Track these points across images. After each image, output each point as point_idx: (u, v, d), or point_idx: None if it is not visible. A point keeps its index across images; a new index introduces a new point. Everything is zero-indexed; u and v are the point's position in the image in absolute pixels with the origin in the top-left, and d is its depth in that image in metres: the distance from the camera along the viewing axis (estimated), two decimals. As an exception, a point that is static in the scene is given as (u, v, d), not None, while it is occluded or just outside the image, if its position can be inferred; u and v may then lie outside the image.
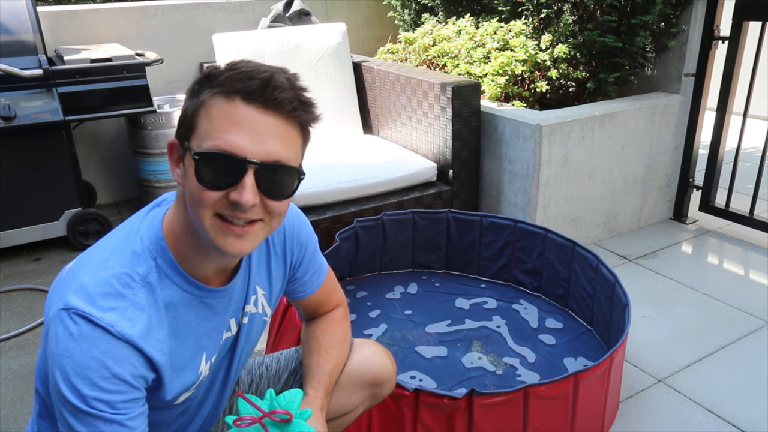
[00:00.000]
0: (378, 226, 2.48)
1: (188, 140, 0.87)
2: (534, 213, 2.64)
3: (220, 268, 0.99)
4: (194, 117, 0.86)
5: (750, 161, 3.94)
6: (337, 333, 1.24)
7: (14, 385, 2.02)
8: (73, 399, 0.82)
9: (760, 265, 2.70)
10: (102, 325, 0.82)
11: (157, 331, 0.89)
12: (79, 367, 0.81)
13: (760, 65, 2.75)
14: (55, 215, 2.86)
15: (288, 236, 1.14)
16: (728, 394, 1.91)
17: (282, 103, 0.84)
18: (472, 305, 2.35)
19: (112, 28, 3.37)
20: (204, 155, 0.83)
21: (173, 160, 0.92)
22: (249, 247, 0.89)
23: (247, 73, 0.84)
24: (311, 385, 1.13)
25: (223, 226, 0.86)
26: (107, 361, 0.83)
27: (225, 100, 0.84)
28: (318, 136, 3.51)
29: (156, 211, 0.97)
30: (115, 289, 0.86)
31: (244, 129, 0.83)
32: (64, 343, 0.82)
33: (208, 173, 0.84)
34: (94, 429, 0.84)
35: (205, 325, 0.99)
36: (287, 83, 0.86)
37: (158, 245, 0.92)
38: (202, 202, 0.85)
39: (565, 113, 2.65)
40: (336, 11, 4.04)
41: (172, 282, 0.92)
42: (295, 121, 0.88)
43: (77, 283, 0.86)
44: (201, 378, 1.01)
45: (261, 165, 0.84)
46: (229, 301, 1.03)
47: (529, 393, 1.51)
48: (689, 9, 2.82)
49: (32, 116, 2.62)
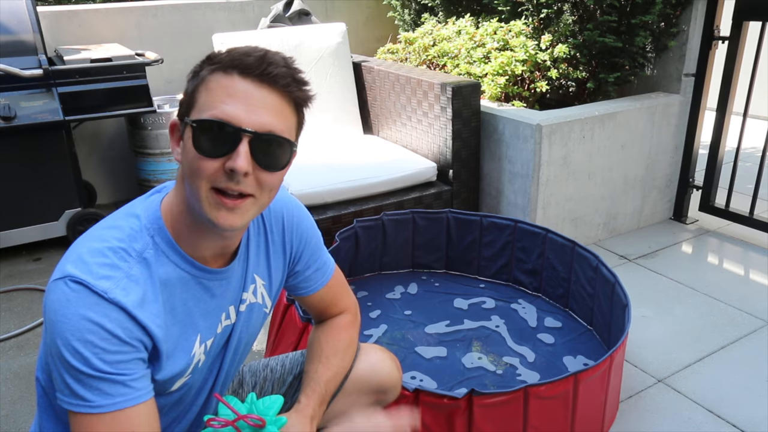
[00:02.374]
0: (378, 226, 2.48)
1: (188, 115, 0.91)
2: (534, 213, 2.64)
3: (217, 251, 1.00)
4: (194, 93, 0.91)
5: (750, 161, 3.94)
6: (342, 340, 1.23)
7: (14, 385, 2.02)
8: (76, 363, 0.83)
9: (760, 265, 2.70)
10: (96, 291, 0.84)
11: (152, 305, 0.90)
12: (78, 331, 0.83)
13: (760, 65, 2.75)
14: (55, 215, 2.86)
15: (287, 227, 1.14)
16: (728, 394, 1.91)
17: (276, 77, 0.89)
18: (470, 305, 2.35)
19: (112, 28, 3.37)
20: (201, 122, 0.88)
21: (174, 139, 0.96)
22: (240, 222, 0.92)
23: (245, 51, 0.90)
24: (305, 393, 1.14)
25: (217, 198, 0.89)
26: (106, 323, 0.84)
27: (223, 74, 0.89)
28: (318, 136, 3.53)
29: (156, 196, 0.99)
30: (110, 260, 0.88)
31: (240, 100, 0.87)
32: (62, 309, 0.84)
33: (205, 141, 0.87)
34: (99, 392, 0.84)
35: (201, 306, 1.00)
36: (282, 61, 0.91)
37: (156, 224, 0.94)
38: (200, 173, 0.88)
39: (565, 113, 2.65)
40: (336, 11, 4.04)
41: (168, 260, 0.94)
42: (289, 96, 0.91)
43: (74, 255, 0.88)
44: (196, 361, 1.01)
45: (255, 134, 0.87)
46: (227, 285, 1.04)
47: (529, 393, 1.51)
48: (689, 9, 2.82)
49: (32, 116, 2.62)
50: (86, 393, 0.84)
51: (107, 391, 0.85)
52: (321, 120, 3.10)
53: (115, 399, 0.85)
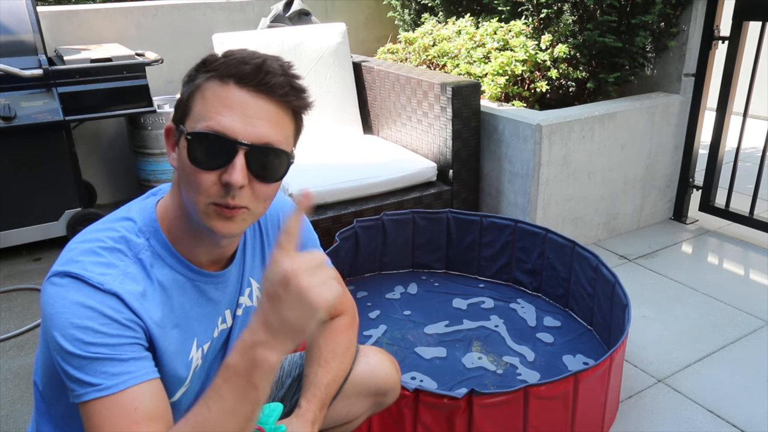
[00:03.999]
0: (378, 226, 2.48)
1: (183, 123, 0.89)
2: (534, 213, 2.64)
3: (214, 256, 0.99)
4: (189, 100, 0.89)
5: (750, 161, 3.94)
6: (341, 342, 1.23)
7: (14, 385, 2.02)
8: (75, 350, 0.82)
9: (760, 265, 2.70)
10: (92, 284, 0.84)
11: (150, 302, 0.89)
12: (77, 318, 0.82)
13: (760, 65, 2.75)
14: (55, 215, 2.86)
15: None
16: (728, 394, 1.91)
17: (273, 87, 0.87)
18: (469, 305, 2.35)
19: (112, 28, 3.37)
20: (196, 135, 0.86)
21: (169, 144, 0.94)
22: (238, 229, 0.91)
23: (242, 58, 0.87)
24: (306, 397, 1.13)
25: (216, 209, 0.88)
26: (104, 309, 0.83)
27: (219, 83, 0.86)
28: (318, 136, 3.52)
29: (151, 199, 0.98)
30: (106, 258, 0.87)
31: (236, 111, 0.85)
32: (60, 301, 0.83)
33: (200, 153, 0.86)
34: (104, 374, 0.83)
35: (197, 310, 0.99)
36: (279, 69, 0.88)
37: (151, 227, 0.93)
38: (198, 187, 0.87)
39: (565, 113, 2.65)
40: (336, 11, 4.04)
41: (164, 263, 0.93)
42: (287, 106, 0.89)
43: (68, 256, 0.87)
44: (193, 367, 1.01)
45: (251, 147, 0.86)
46: (224, 289, 1.03)
47: (529, 393, 1.51)
48: (689, 9, 2.82)
49: (32, 116, 2.62)
50: (92, 378, 0.82)
51: (112, 371, 0.83)
52: (321, 120, 3.10)
53: (122, 378, 0.83)
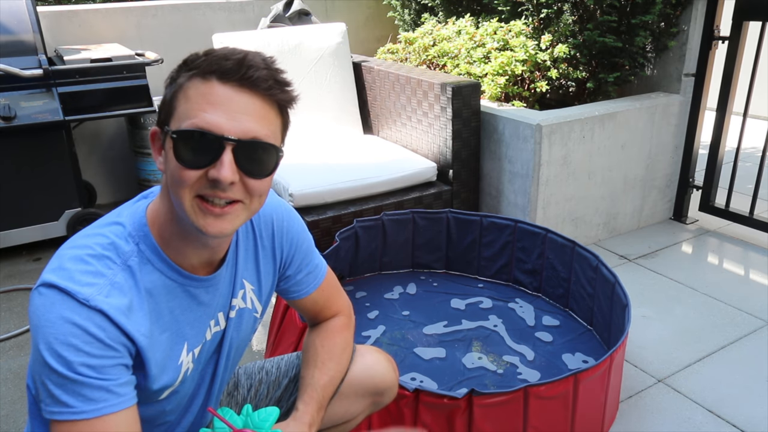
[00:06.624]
0: (378, 226, 2.48)
1: (167, 124, 0.88)
2: (534, 213, 2.64)
3: (205, 259, 0.99)
4: (173, 101, 0.88)
5: (750, 161, 3.94)
6: (337, 344, 1.22)
7: (14, 385, 2.02)
8: (58, 367, 0.81)
9: (760, 265, 2.70)
10: (78, 299, 0.83)
11: (137, 314, 0.89)
12: (62, 334, 0.82)
13: (760, 65, 2.75)
14: (55, 215, 2.86)
15: (277, 231, 1.13)
16: (728, 394, 1.91)
17: (257, 81, 0.86)
18: (468, 305, 2.35)
19: (112, 28, 3.37)
20: (182, 133, 0.85)
21: (156, 148, 0.93)
22: (229, 228, 0.90)
23: (223, 55, 0.87)
24: (303, 400, 1.13)
25: (203, 206, 0.87)
26: (89, 327, 0.83)
27: (202, 81, 0.86)
28: (318, 136, 3.52)
29: (142, 202, 0.98)
30: (94, 267, 0.86)
31: (221, 107, 0.85)
32: (46, 314, 0.82)
33: (187, 152, 0.85)
34: (82, 397, 0.82)
35: (188, 315, 0.99)
36: (262, 63, 0.87)
37: (141, 231, 0.93)
38: (182, 182, 0.86)
39: (565, 113, 2.65)
40: (336, 11, 4.04)
41: (154, 267, 0.93)
42: (272, 99, 0.89)
43: (56, 263, 0.87)
44: (184, 370, 1.00)
45: (239, 142, 0.85)
46: (215, 292, 1.02)
47: (529, 393, 1.51)
48: (689, 9, 2.82)
49: (32, 116, 2.62)
50: (69, 398, 0.82)
51: (90, 396, 0.83)
52: (321, 120, 3.10)
53: (98, 404, 0.83)
